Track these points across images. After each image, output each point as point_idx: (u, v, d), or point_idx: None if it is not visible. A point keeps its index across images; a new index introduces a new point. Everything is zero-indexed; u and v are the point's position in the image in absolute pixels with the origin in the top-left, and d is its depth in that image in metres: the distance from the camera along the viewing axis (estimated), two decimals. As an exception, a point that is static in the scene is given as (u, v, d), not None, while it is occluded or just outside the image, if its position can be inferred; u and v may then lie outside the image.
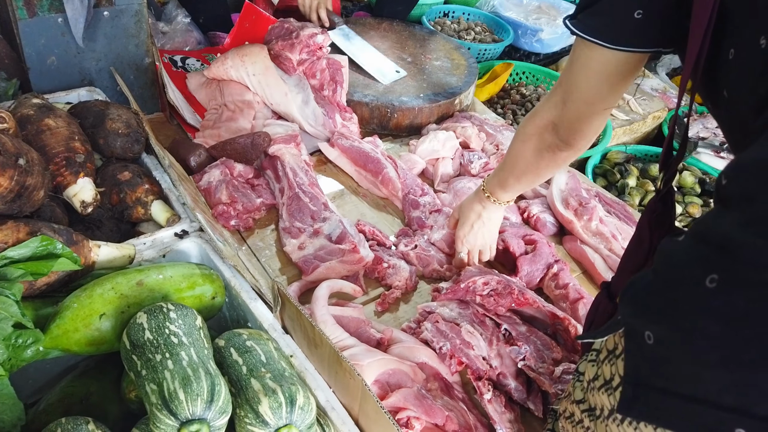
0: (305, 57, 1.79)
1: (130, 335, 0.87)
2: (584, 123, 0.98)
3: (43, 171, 1.07)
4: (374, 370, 1.05)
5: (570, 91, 0.95)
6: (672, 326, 0.51)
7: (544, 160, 1.10)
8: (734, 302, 0.46)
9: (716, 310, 0.47)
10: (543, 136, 1.06)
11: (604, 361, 0.69)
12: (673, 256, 0.54)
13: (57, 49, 1.47)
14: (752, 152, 0.51)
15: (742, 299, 0.46)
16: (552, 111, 1.02)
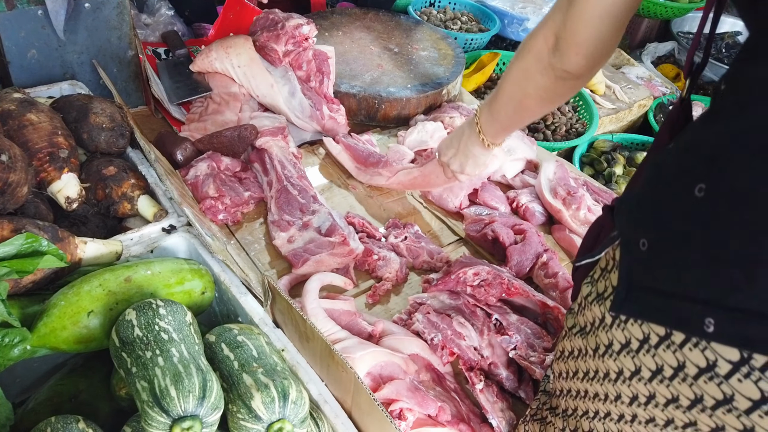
0: (291, 48, 1.77)
1: (119, 332, 0.86)
2: (589, 29, 0.81)
3: (26, 167, 1.05)
4: (366, 363, 1.05)
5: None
6: (663, 233, 0.55)
7: (540, 86, 0.94)
8: (719, 209, 0.50)
9: (702, 217, 0.51)
10: (541, 54, 0.91)
11: (598, 279, 0.71)
12: (663, 168, 0.58)
13: (37, 42, 1.44)
14: (761, 65, 0.51)
15: (726, 207, 0.50)
16: (555, 18, 0.87)
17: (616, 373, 0.65)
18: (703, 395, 0.55)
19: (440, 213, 1.59)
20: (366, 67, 1.93)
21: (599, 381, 0.70)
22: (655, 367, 0.59)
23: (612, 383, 0.67)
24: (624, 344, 0.62)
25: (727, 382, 0.52)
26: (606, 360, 0.67)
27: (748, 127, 0.50)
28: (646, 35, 3.49)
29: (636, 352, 0.61)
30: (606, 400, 0.70)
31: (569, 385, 0.80)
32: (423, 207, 1.60)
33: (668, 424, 0.61)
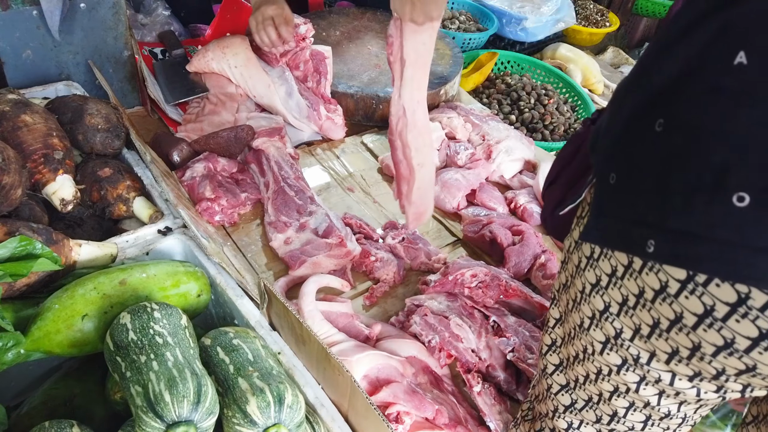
0: (288, 48, 1.76)
1: (113, 336, 0.85)
2: None
3: (20, 169, 1.04)
4: (363, 366, 1.04)
5: None
6: (629, 166, 0.60)
7: None
8: (672, 142, 0.55)
9: (659, 149, 0.56)
10: None
11: (574, 228, 0.75)
12: (632, 105, 0.61)
13: (33, 42, 1.43)
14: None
15: (679, 140, 0.54)
16: None
17: (590, 318, 0.69)
18: (660, 318, 0.60)
19: (438, 214, 1.58)
20: (363, 66, 1.92)
21: (579, 337, 0.73)
22: (621, 298, 0.63)
23: (586, 332, 0.71)
24: (594, 283, 0.67)
25: (677, 301, 0.57)
26: (582, 307, 0.70)
27: (699, 66, 0.54)
28: (645, 34, 3.48)
29: (605, 288, 0.65)
30: (585, 357, 0.73)
31: (557, 359, 0.82)
32: (421, 208, 1.59)
33: (636, 361, 0.66)
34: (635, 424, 0.73)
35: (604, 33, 2.92)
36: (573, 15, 2.66)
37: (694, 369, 0.61)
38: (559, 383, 0.81)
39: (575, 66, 2.58)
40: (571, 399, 0.79)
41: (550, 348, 0.83)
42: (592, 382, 0.73)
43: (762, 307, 0.51)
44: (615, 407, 0.73)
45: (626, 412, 0.72)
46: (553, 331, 0.82)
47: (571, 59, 2.61)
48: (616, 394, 0.71)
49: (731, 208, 0.50)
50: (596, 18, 2.99)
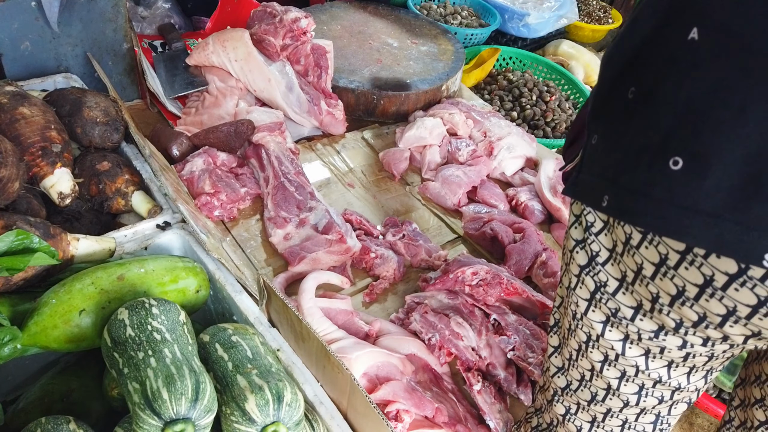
0: (289, 42, 1.74)
1: (111, 332, 0.84)
2: None
3: (17, 162, 1.03)
4: (363, 363, 1.03)
5: None
6: (606, 129, 0.64)
7: None
8: (638, 108, 0.59)
9: (629, 115, 0.60)
10: None
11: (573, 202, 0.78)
12: (612, 70, 0.65)
13: (31, 34, 1.41)
14: None
15: (643, 105, 0.58)
16: None
17: (587, 301, 0.72)
18: (659, 292, 0.63)
19: (438, 210, 1.57)
20: (365, 61, 1.91)
21: (579, 326, 0.75)
22: (620, 275, 0.66)
23: (584, 316, 0.73)
24: (593, 255, 0.70)
25: (638, 252, 0.62)
26: (584, 280, 0.72)
27: (660, 37, 0.58)
28: (647, 32, 3.46)
29: (602, 265, 0.68)
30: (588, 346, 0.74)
31: (560, 362, 0.82)
32: (421, 204, 1.59)
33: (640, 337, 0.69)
34: (629, 396, 0.74)
35: (607, 30, 2.90)
36: (575, 11, 2.65)
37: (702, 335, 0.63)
38: (556, 365, 0.83)
39: (577, 63, 2.57)
40: (566, 380, 0.81)
41: (551, 328, 0.84)
42: (583, 353, 0.75)
43: (762, 277, 0.54)
44: (608, 380, 0.74)
45: (618, 383, 0.74)
46: (557, 311, 0.83)
47: (573, 56, 2.59)
48: (606, 363, 0.73)
49: (667, 170, 0.55)
50: (599, 14, 2.98)
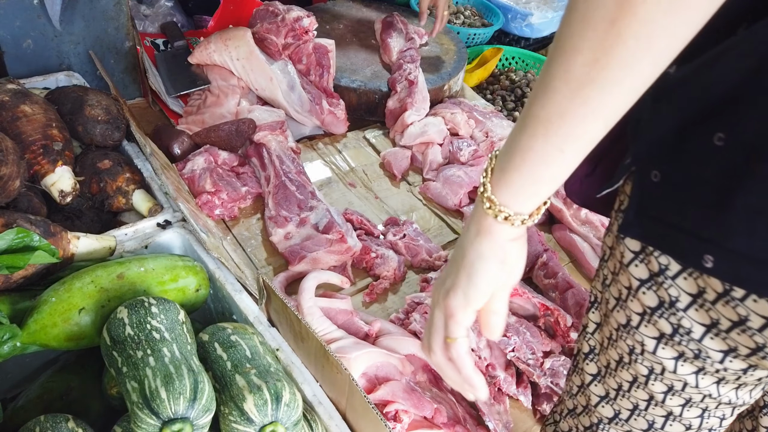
0: (291, 41, 1.74)
1: (110, 331, 0.85)
2: None
3: (18, 160, 1.03)
4: (362, 363, 1.03)
5: None
6: (677, 171, 0.57)
7: None
8: (736, 160, 0.51)
9: (718, 164, 0.53)
10: None
11: (613, 222, 0.71)
12: (682, 104, 0.56)
13: (33, 32, 1.41)
14: None
15: (743, 158, 0.51)
16: None
17: (665, 333, 0.64)
18: (720, 319, 0.58)
19: (439, 210, 1.57)
20: (367, 61, 1.91)
21: (623, 338, 0.69)
22: (710, 321, 0.60)
23: (634, 330, 0.67)
24: (672, 300, 0.62)
25: (743, 305, 0.55)
26: (657, 322, 0.65)
27: (761, 79, 0.48)
28: (651, 32, 3.45)
29: (684, 310, 0.61)
30: (632, 360, 0.69)
31: (594, 368, 0.77)
32: (422, 204, 1.59)
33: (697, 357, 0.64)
34: (692, 421, 0.70)
35: (610, 30, 2.89)
36: (579, 11, 2.64)
37: (749, 363, 0.60)
38: (598, 394, 0.76)
39: (580, 63, 2.56)
40: (614, 411, 0.75)
41: (587, 356, 0.77)
42: (641, 385, 0.69)
43: None
44: (669, 408, 0.69)
45: (681, 410, 0.69)
46: (592, 337, 0.76)
47: (576, 56, 2.58)
48: (670, 393, 0.68)
49: None
50: (602, 15, 2.96)
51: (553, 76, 0.49)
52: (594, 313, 0.76)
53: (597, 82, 0.47)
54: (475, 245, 0.60)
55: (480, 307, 0.62)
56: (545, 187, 0.56)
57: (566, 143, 0.51)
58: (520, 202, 0.56)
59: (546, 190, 0.56)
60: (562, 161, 0.53)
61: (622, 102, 0.49)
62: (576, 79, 0.48)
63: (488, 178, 0.58)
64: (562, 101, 0.49)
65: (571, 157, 0.53)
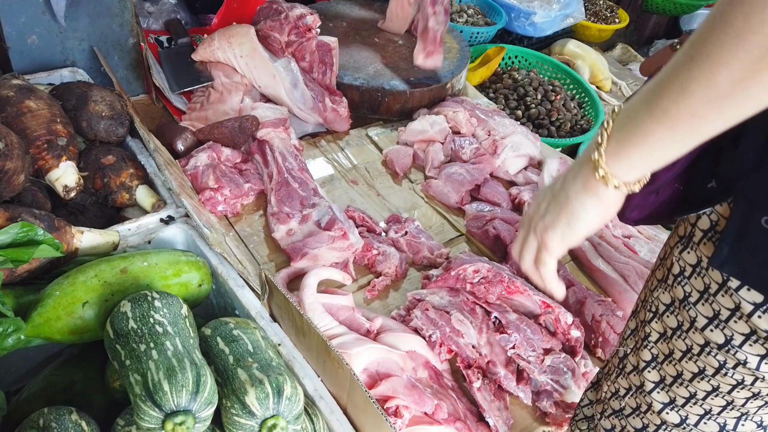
0: (294, 38, 1.75)
1: (113, 324, 0.85)
2: None
3: (23, 155, 1.04)
4: (363, 359, 1.04)
5: None
6: None
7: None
8: None
9: None
10: None
11: (699, 243, 0.70)
12: None
13: (38, 27, 1.42)
14: None
15: None
16: None
17: (744, 336, 0.67)
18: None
19: (441, 208, 1.57)
20: (369, 59, 1.91)
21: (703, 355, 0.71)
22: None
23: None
24: (734, 308, 0.65)
25: None
26: (731, 324, 0.67)
27: None
28: (654, 32, 3.46)
29: (762, 311, 0.63)
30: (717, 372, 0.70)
31: (657, 376, 0.79)
32: (424, 202, 1.59)
33: None
34: (763, 417, 0.71)
35: (614, 29, 2.89)
36: (582, 11, 2.64)
37: None
38: (661, 401, 0.78)
39: (583, 62, 2.56)
40: (680, 417, 0.77)
41: (648, 364, 0.79)
42: (721, 395, 0.71)
43: None
44: (747, 409, 0.71)
45: (758, 410, 0.70)
46: (655, 346, 0.78)
47: (579, 55, 2.59)
48: (753, 398, 0.69)
49: None
50: (605, 14, 2.97)
51: (692, 79, 0.51)
52: (658, 323, 0.76)
53: (737, 99, 0.50)
54: (581, 198, 0.67)
55: (573, 246, 0.72)
56: (655, 165, 0.61)
57: (689, 137, 0.55)
58: (631, 173, 0.62)
59: (655, 167, 0.61)
60: (680, 150, 0.57)
61: (751, 112, 0.51)
62: (717, 90, 0.50)
63: (603, 147, 0.62)
64: (698, 105, 0.52)
65: (689, 148, 0.57)
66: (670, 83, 0.54)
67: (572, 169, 0.70)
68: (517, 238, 0.80)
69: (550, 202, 0.72)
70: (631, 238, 1.47)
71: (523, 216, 0.79)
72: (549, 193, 0.73)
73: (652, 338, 0.77)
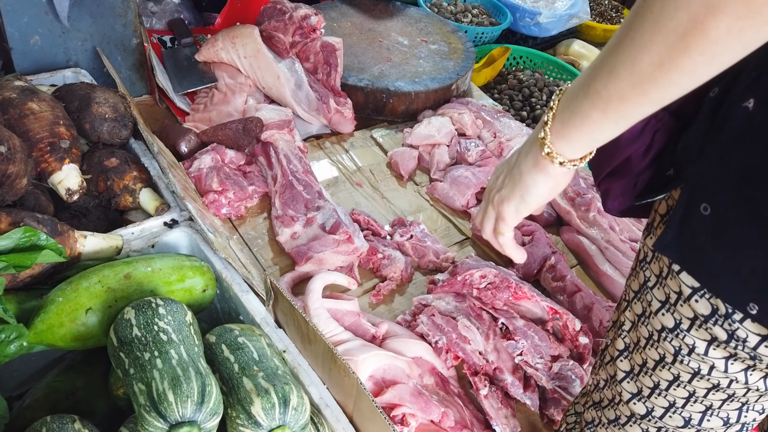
0: (298, 39, 1.74)
1: (117, 331, 0.84)
2: None
3: (26, 158, 1.03)
4: (369, 366, 1.03)
5: None
6: (737, 218, 0.58)
7: None
8: None
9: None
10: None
11: (648, 236, 0.73)
12: (745, 134, 0.57)
13: (41, 28, 1.41)
14: None
15: None
16: None
17: (690, 320, 0.68)
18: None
19: (447, 211, 1.56)
20: (374, 59, 1.90)
21: (659, 343, 0.71)
22: (710, 309, 0.63)
23: (672, 335, 0.70)
24: (678, 292, 0.66)
25: None
26: (678, 308, 0.68)
27: None
28: (659, 32, 3.43)
29: (687, 299, 0.65)
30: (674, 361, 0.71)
31: (627, 366, 0.79)
32: (429, 205, 1.58)
33: None
34: (730, 413, 0.72)
35: (619, 30, 2.87)
36: (587, 11, 2.62)
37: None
38: (629, 391, 0.79)
39: (588, 63, 2.54)
40: (647, 408, 0.77)
41: (621, 353, 0.79)
42: (683, 384, 0.72)
43: None
44: (710, 401, 0.72)
45: (722, 404, 0.71)
46: (627, 335, 0.78)
47: (584, 56, 2.57)
48: (714, 389, 0.70)
49: None
50: (611, 14, 2.95)
51: (619, 62, 0.54)
52: (629, 311, 0.77)
53: (658, 81, 0.51)
54: (532, 174, 0.71)
55: (526, 215, 0.77)
56: (596, 143, 0.65)
57: (621, 119, 0.58)
58: (574, 152, 0.66)
59: (596, 144, 0.66)
60: (615, 130, 0.60)
61: (676, 95, 0.53)
62: (640, 73, 0.52)
63: (549, 126, 0.66)
64: (624, 88, 0.54)
65: (622, 128, 0.60)
66: (601, 66, 0.57)
67: (525, 146, 0.74)
68: (480, 208, 0.85)
69: (506, 176, 0.77)
70: (638, 242, 1.46)
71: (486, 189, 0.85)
72: (506, 167, 0.78)
73: (626, 327, 0.79)
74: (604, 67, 0.56)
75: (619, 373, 0.79)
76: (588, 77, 0.59)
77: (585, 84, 0.59)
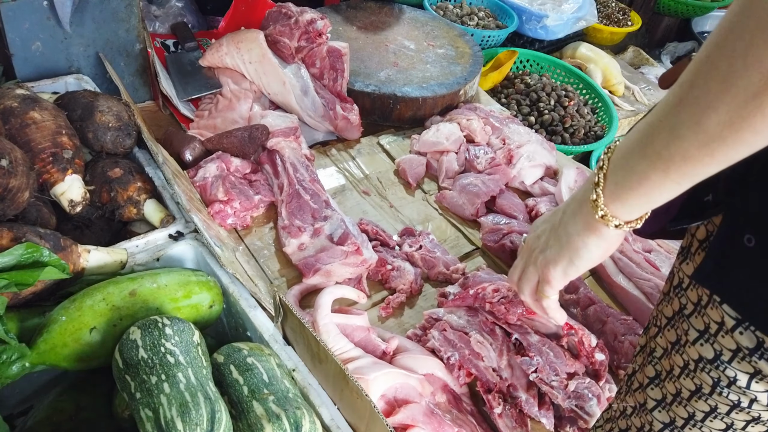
0: (304, 44, 1.70)
1: (122, 353, 0.81)
2: None
3: (27, 171, 1.00)
4: (381, 385, 1.00)
5: None
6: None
7: None
8: None
9: None
10: None
11: (684, 261, 0.69)
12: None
13: (42, 34, 1.38)
14: None
15: None
16: None
17: (732, 351, 0.65)
18: None
19: (456, 220, 1.53)
20: (381, 64, 1.87)
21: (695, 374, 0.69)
22: (755, 342, 0.60)
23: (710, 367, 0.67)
24: (720, 322, 0.63)
25: None
26: (719, 339, 0.65)
27: None
28: (666, 34, 3.40)
29: (744, 327, 0.61)
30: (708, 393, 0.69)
31: (659, 394, 0.76)
32: (438, 213, 1.55)
33: None
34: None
35: (626, 32, 2.84)
36: (594, 13, 2.59)
37: None
38: (661, 421, 0.75)
39: (595, 66, 2.51)
40: None
41: (652, 381, 0.76)
42: (720, 416, 0.69)
43: None
44: None
45: None
46: (659, 363, 0.75)
47: (591, 59, 2.54)
48: (753, 422, 0.67)
49: None
50: (618, 17, 2.92)
51: (683, 123, 0.52)
52: (661, 338, 0.74)
53: (727, 141, 0.50)
54: (582, 237, 0.69)
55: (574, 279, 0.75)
56: (654, 204, 0.62)
57: (684, 179, 0.56)
58: (631, 213, 0.64)
59: (654, 205, 0.62)
60: (677, 190, 0.58)
61: (746, 154, 0.51)
62: (707, 133, 0.50)
63: (601, 187, 0.64)
64: (689, 148, 0.52)
65: (684, 188, 0.57)
66: (661, 126, 0.55)
67: (571, 205, 0.71)
68: (515, 267, 0.81)
69: (550, 236, 0.74)
70: (651, 253, 1.43)
71: (521, 246, 0.81)
72: (549, 226, 0.74)
73: (657, 354, 0.76)
74: (663, 127, 0.54)
75: (649, 402, 0.76)
76: (645, 136, 0.56)
77: (641, 144, 0.57)
